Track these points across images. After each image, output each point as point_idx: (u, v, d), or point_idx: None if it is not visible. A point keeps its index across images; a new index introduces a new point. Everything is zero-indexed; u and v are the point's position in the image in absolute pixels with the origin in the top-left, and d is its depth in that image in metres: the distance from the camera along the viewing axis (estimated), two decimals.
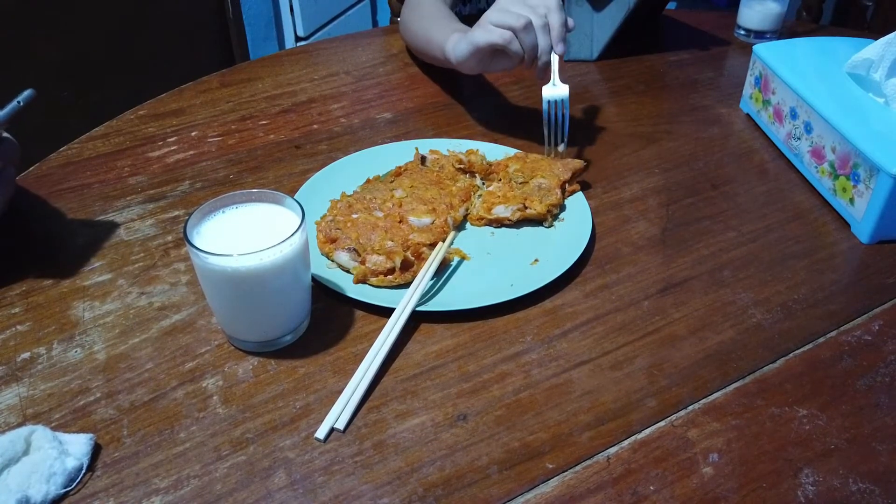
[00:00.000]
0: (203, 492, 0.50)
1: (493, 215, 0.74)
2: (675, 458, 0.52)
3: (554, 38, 0.77)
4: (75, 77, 1.76)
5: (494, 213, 0.74)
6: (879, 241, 0.74)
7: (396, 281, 0.66)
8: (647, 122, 0.95)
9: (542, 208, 0.73)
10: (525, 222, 0.75)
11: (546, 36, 0.77)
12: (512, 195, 0.75)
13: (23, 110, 0.65)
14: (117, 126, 0.93)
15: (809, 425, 0.55)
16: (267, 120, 0.95)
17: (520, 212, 0.73)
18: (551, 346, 0.62)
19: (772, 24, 1.14)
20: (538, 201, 0.74)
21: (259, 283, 0.56)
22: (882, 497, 0.50)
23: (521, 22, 0.76)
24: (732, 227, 0.76)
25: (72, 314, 0.64)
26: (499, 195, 0.76)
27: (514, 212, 0.73)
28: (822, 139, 0.79)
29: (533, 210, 0.73)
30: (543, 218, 0.74)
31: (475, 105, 0.99)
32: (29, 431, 0.51)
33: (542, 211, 0.73)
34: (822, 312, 0.65)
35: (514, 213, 0.73)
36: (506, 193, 0.76)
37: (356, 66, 1.10)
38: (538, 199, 0.74)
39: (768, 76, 0.90)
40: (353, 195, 0.76)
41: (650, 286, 0.68)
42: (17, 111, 0.65)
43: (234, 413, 0.56)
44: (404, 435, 0.54)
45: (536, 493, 0.50)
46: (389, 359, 0.60)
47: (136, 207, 0.78)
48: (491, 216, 0.74)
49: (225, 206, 0.59)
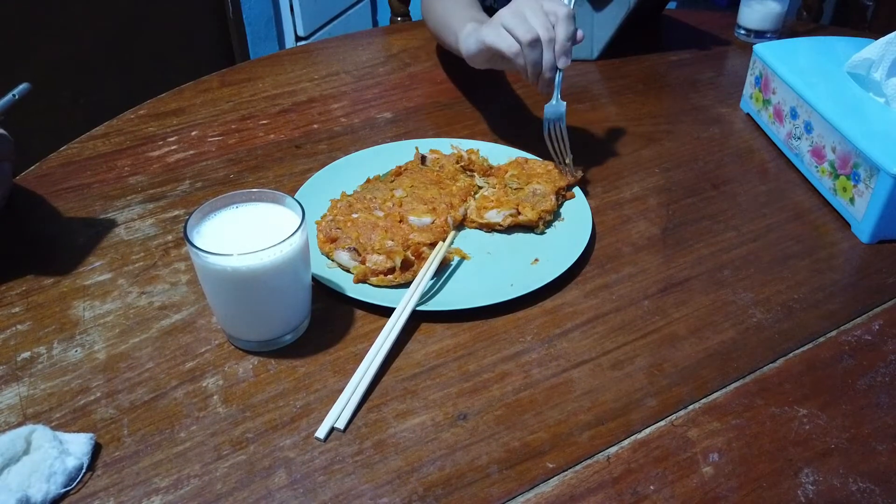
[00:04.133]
0: (203, 491, 0.50)
1: (485, 219, 0.74)
2: (676, 457, 0.52)
3: (557, 52, 0.75)
4: (75, 77, 1.76)
5: (486, 218, 0.74)
6: (879, 240, 0.74)
7: (396, 280, 0.66)
8: (647, 122, 0.95)
9: (533, 215, 0.73)
10: (516, 228, 0.74)
11: (551, 51, 0.75)
12: (506, 200, 0.75)
13: (18, 103, 0.65)
14: (117, 126, 0.94)
15: (809, 425, 0.55)
16: (267, 120, 0.95)
17: (511, 217, 0.73)
18: (551, 345, 0.62)
19: (772, 24, 1.14)
20: (530, 208, 0.73)
21: (259, 282, 0.56)
22: (882, 497, 0.50)
23: (529, 37, 0.74)
24: (732, 226, 0.76)
25: (72, 314, 0.64)
26: (493, 199, 0.75)
27: (506, 217, 0.73)
28: (822, 139, 0.79)
29: (525, 216, 0.73)
30: (535, 224, 0.73)
31: (476, 105, 0.99)
32: (29, 431, 0.51)
33: (533, 218, 0.73)
34: (822, 312, 0.65)
35: (505, 218, 0.73)
36: (500, 198, 0.75)
37: (356, 65, 1.10)
38: (531, 205, 0.74)
39: (768, 76, 0.90)
40: (354, 195, 0.76)
41: (650, 286, 0.68)
42: (11, 104, 0.65)
43: (234, 413, 0.56)
44: (404, 434, 0.54)
45: (536, 492, 0.50)
46: (389, 358, 0.60)
47: (136, 207, 0.78)
48: (483, 220, 0.74)
49: (225, 206, 0.59)
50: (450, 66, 1.09)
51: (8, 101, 0.65)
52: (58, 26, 1.70)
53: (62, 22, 1.71)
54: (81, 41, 1.76)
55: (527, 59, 0.75)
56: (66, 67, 1.74)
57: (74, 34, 1.74)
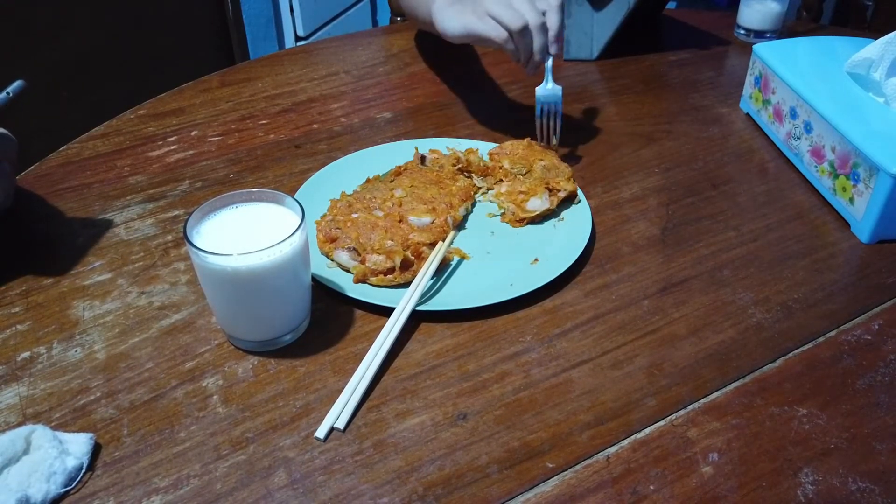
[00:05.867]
0: (203, 491, 0.50)
1: (533, 211, 0.73)
2: (675, 457, 0.52)
3: (550, 39, 0.77)
4: (75, 77, 1.76)
5: (532, 209, 0.73)
6: (879, 240, 0.74)
7: (396, 280, 0.66)
8: (647, 122, 0.95)
9: (571, 185, 0.74)
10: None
11: (541, 36, 0.76)
12: (534, 185, 0.74)
13: (13, 101, 0.64)
14: (117, 126, 0.94)
15: (809, 425, 0.55)
16: (267, 119, 0.95)
17: (554, 197, 0.73)
18: (551, 345, 0.62)
19: (772, 24, 1.14)
20: (563, 180, 0.74)
21: (259, 282, 0.56)
22: (882, 496, 0.50)
23: (518, 24, 0.74)
24: (732, 226, 0.76)
25: (72, 314, 0.64)
26: (522, 190, 0.74)
27: (549, 198, 0.72)
28: (821, 139, 0.79)
29: (564, 189, 0.74)
30: (574, 195, 0.75)
31: (475, 105, 0.99)
32: (29, 431, 0.51)
33: (572, 188, 0.74)
34: (822, 312, 0.65)
35: (549, 200, 0.72)
36: (526, 187, 0.74)
37: (356, 65, 1.10)
38: (560, 178, 0.74)
39: (768, 76, 0.90)
40: (353, 195, 0.76)
41: (650, 286, 0.68)
42: (6, 102, 0.64)
43: (234, 412, 0.56)
44: (404, 434, 0.54)
45: (536, 492, 0.50)
46: (389, 358, 0.60)
47: (135, 207, 0.78)
48: (531, 212, 0.73)
49: (225, 206, 0.59)
50: (450, 67, 1.09)
51: (2, 100, 0.64)
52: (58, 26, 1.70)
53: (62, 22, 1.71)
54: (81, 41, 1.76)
55: (518, 44, 0.76)
56: (66, 67, 1.74)
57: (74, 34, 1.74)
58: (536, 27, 0.75)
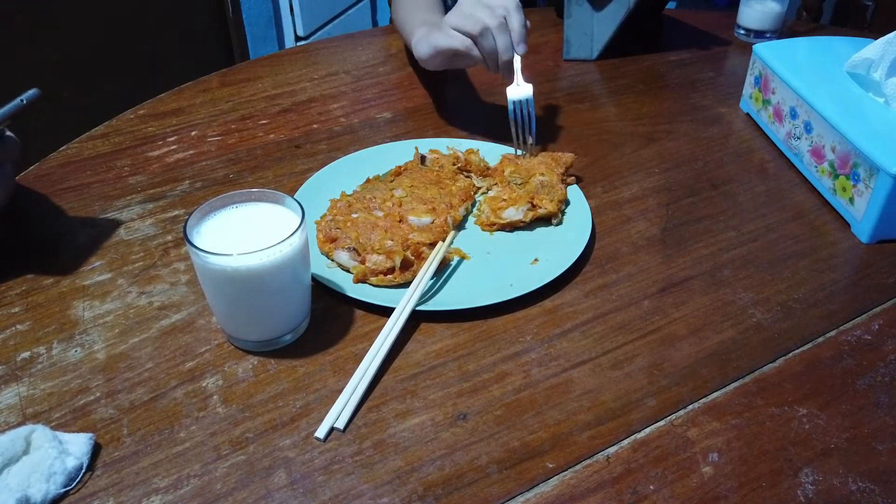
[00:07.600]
0: (203, 491, 0.50)
1: (505, 219, 0.73)
2: (675, 457, 0.52)
3: (515, 40, 0.79)
4: (75, 77, 1.76)
5: (505, 217, 0.73)
6: (879, 240, 0.74)
7: (396, 280, 0.66)
8: (647, 122, 0.95)
9: (552, 206, 0.73)
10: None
11: (504, 36, 0.78)
12: (517, 196, 0.75)
13: (26, 108, 0.65)
14: (117, 126, 0.94)
15: (809, 425, 0.55)
16: (267, 119, 0.95)
17: (531, 212, 0.73)
18: (551, 345, 0.62)
19: (772, 24, 1.14)
20: (547, 199, 0.74)
21: (259, 282, 0.56)
22: (882, 497, 0.50)
23: (478, 28, 0.77)
24: (732, 226, 0.76)
25: (72, 314, 0.64)
26: (504, 198, 0.75)
27: (526, 212, 0.73)
28: (821, 139, 0.79)
29: (544, 208, 0.73)
30: (553, 215, 0.74)
31: (475, 105, 0.99)
32: (29, 431, 0.51)
33: (553, 209, 0.73)
34: (822, 312, 0.65)
35: (525, 213, 0.73)
36: (509, 196, 0.75)
37: (356, 65, 1.10)
38: (546, 197, 0.74)
39: (768, 76, 0.90)
40: (353, 195, 0.76)
41: (650, 286, 0.68)
42: (18, 109, 0.64)
43: (234, 412, 0.56)
44: (404, 434, 0.54)
45: (536, 492, 0.50)
46: (389, 358, 0.60)
47: (135, 207, 0.78)
48: (503, 220, 0.73)
49: (225, 206, 0.59)
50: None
51: (15, 106, 0.64)
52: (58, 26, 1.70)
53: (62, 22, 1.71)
54: (81, 41, 1.76)
55: (482, 48, 0.79)
56: (66, 67, 1.74)
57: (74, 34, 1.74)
58: (497, 27, 0.78)
